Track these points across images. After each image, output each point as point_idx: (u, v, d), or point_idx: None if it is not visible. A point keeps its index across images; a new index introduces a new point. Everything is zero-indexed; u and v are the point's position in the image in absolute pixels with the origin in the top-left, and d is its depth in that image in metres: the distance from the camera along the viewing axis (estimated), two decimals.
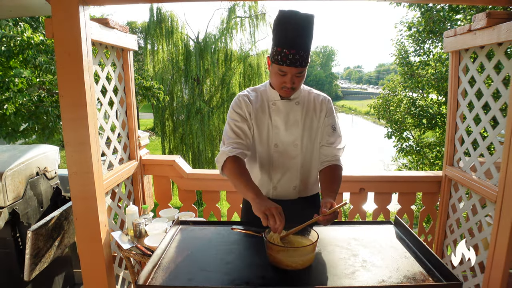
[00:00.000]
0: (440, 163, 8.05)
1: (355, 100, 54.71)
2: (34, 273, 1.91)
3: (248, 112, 1.53)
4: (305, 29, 1.33)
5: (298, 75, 1.40)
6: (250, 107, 1.53)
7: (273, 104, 1.54)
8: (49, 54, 6.06)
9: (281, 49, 1.34)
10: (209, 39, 11.68)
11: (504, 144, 1.63)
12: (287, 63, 1.34)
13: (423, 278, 1.09)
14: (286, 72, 1.38)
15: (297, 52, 1.33)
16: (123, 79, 2.29)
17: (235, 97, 1.57)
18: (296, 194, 1.61)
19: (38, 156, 2.22)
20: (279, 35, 1.35)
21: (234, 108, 1.54)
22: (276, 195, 1.60)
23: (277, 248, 1.14)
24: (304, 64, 1.36)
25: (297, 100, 1.54)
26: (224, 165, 1.43)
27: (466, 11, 6.70)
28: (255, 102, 1.54)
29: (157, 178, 2.66)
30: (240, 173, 1.37)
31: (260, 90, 1.59)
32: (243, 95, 1.56)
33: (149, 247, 1.86)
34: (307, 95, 1.58)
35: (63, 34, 1.56)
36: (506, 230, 1.63)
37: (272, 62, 1.40)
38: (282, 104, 1.53)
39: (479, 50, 1.93)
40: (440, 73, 7.48)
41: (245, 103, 1.53)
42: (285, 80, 1.40)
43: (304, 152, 1.56)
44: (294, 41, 1.32)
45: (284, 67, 1.36)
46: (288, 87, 1.41)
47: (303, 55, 1.34)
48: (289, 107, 1.53)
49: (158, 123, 11.99)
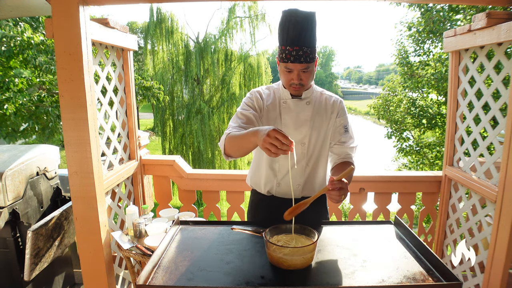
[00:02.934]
0: (440, 163, 8.05)
1: (355, 100, 54.72)
2: (34, 273, 1.91)
3: (259, 106, 1.55)
4: (306, 26, 1.36)
5: (304, 71, 1.43)
6: (261, 102, 1.57)
7: (284, 102, 1.56)
8: (49, 54, 6.06)
9: (285, 47, 1.39)
10: (209, 39, 11.69)
11: (504, 144, 1.63)
12: (292, 60, 1.39)
13: (423, 278, 1.09)
14: (292, 69, 1.42)
15: (300, 48, 1.37)
16: (123, 79, 2.29)
17: (248, 93, 1.61)
18: (300, 193, 1.62)
19: (38, 156, 2.22)
20: (282, 34, 1.40)
21: (245, 101, 1.58)
22: (280, 192, 1.62)
23: (277, 248, 1.14)
24: (308, 60, 1.40)
25: (308, 100, 1.56)
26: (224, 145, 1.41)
27: (466, 11, 6.70)
28: (266, 100, 1.58)
29: (157, 178, 2.66)
30: (237, 134, 1.34)
31: (274, 88, 1.62)
32: (255, 91, 1.60)
33: (149, 247, 1.86)
34: (319, 96, 1.60)
35: (63, 34, 1.56)
36: (506, 230, 1.63)
37: (279, 61, 1.45)
38: (293, 103, 1.55)
39: (479, 50, 1.93)
40: (440, 73, 7.48)
41: (256, 98, 1.57)
42: (292, 76, 1.44)
43: (311, 151, 1.57)
44: (296, 38, 1.36)
45: (289, 64, 1.41)
46: (296, 83, 1.45)
47: (306, 51, 1.38)
48: (300, 106, 1.55)
49: (158, 123, 11.99)
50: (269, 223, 1.30)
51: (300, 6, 1.38)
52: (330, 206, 2.58)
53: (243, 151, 1.36)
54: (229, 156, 1.43)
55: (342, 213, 2.78)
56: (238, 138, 1.33)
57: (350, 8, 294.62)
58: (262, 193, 1.66)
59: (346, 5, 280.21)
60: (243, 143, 1.30)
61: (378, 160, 16.55)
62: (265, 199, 1.66)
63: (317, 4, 24.65)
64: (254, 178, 1.69)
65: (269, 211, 1.63)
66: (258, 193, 1.68)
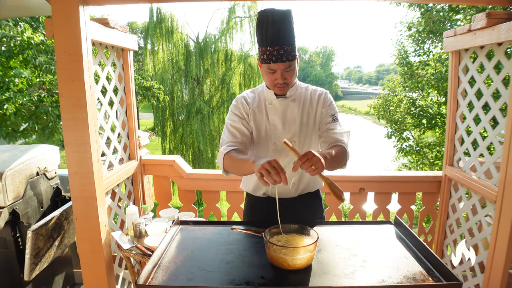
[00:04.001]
0: (440, 163, 8.05)
1: (355, 100, 54.68)
2: (34, 273, 1.91)
3: (246, 112, 1.57)
4: (283, 24, 1.37)
5: (287, 70, 1.43)
6: (247, 108, 1.58)
7: (269, 103, 1.57)
8: (49, 54, 6.06)
9: (266, 48, 1.39)
10: (209, 39, 11.69)
11: (504, 144, 1.63)
12: (274, 60, 1.39)
13: (423, 278, 1.09)
14: (275, 69, 1.42)
15: (281, 47, 1.37)
16: (123, 79, 2.29)
17: (234, 100, 1.62)
18: (296, 192, 1.62)
19: (38, 156, 2.22)
20: (261, 35, 1.40)
21: (232, 109, 1.59)
22: (275, 192, 1.61)
23: (277, 248, 1.14)
24: (290, 58, 1.39)
25: (293, 98, 1.56)
26: (223, 163, 1.47)
27: (466, 11, 6.70)
28: (252, 103, 1.59)
29: (157, 178, 2.66)
30: (237, 157, 1.40)
31: (258, 91, 1.63)
32: (241, 97, 1.61)
33: (149, 247, 1.86)
34: (304, 92, 1.60)
35: (63, 34, 1.56)
36: (506, 230, 1.63)
37: (261, 62, 1.45)
38: (279, 102, 1.56)
39: (479, 50, 1.93)
40: (440, 73, 7.49)
41: (242, 104, 1.58)
42: (276, 77, 1.43)
43: (301, 148, 1.58)
44: (275, 38, 1.36)
45: (272, 65, 1.40)
46: (280, 83, 1.45)
47: (287, 49, 1.38)
48: (286, 105, 1.56)
49: (158, 123, 11.98)
50: (269, 223, 1.30)
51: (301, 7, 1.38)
52: (330, 206, 2.59)
53: (242, 173, 1.47)
54: (228, 172, 1.50)
55: (342, 213, 2.78)
56: (237, 162, 1.39)
57: (350, 8, 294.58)
58: (258, 196, 1.66)
59: (346, 5, 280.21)
60: (243, 167, 1.37)
61: (378, 160, 16.56)
62: (261, 200, 1.66)
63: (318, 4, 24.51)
64: (247, 182, 1.70)
65: (267, 212, 1.63)
66: (254, 196, 1.69)
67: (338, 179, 2.48)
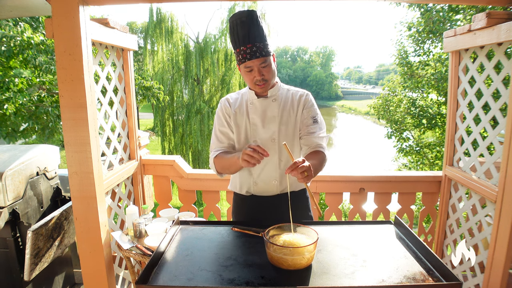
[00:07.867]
0: (440, 163, 8.05)
1: (355, 100, 54.70)
2: (34, 273, 1.91)
3: (228, 114, 1.65)
4: (252, 23, 1.45)
5: (263, 66, 1.49)
6: (229, 109, 1.65)
7: (251, 103, 1.63)
8: (49, 54, 6.06)
9: (239, 49, 1.47)
10: (209, 39, 11.69)
11: (504, 144, 1.63)
12: (248, 58, 1.46)
13: (423, 278, 1.09)
14: (252, 66, 1.48)
15: (253, 45, 1.45)
16: (123, 79, 2.29)
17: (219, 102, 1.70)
18: (278, 189, 1.64)
19: (38, 156, 2.22)
20: (234, 37, 1.49)
21: (217, 112, 1.68)
22: (258, 190, 1.65)
23: (277, 248, 1.14)
24: (264, 54, 1.46)
25: (274, 98, 1.61)
26: (215, 167, 1.62)
27: (466, 11, 6.70)
28: (234, 104, 1.66)
29: (157, 178, 2.67)
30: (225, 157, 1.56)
31: (242, 93, 1.70)
32: (224, 100, 1.69)
33: (149, 247, 1.86)
34: (285, 93, 1.65)
35: (63, 34, 1.56)
36: (506, 230, 1.63)
37: (239, 64, 1.52)
38: (259, 102, 1.61)
39: (479, 50, 1.93)
40: (440, 73, 7.49)
41: (225, 107, 1.66)
42: (254, 74, 1.50)
43: (281, 146, 1.60)
44: (246, 36, 1.45)
45: (247, 63, 1.47)
46: (259, 79, 1.50)
47: (260, 46, 1.45)
48: (266, 104, 1.61)
49: (158, 123, 11.99)
50: (270, 223, 1.30)
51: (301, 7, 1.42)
52: (330, 206, 2.59)
53: (234, 170, 1.60)
54: (222, 174, 1.64)
55: (342, 213, 2.78)
56: (226, 161, 1.56)
57: (350, 8, 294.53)
58: (242, 194, 1.71)
59: (346, 5, 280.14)
60: (232, 164, 1.52)
61: (378, 160, 16.56)
62: (246, 199, 1.70)
63: (318, 4, 24.44)
64: (233, 181, 1.76)
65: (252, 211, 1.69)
66: (239, 194, 1.74)
67: (338, 179, 2.49)
